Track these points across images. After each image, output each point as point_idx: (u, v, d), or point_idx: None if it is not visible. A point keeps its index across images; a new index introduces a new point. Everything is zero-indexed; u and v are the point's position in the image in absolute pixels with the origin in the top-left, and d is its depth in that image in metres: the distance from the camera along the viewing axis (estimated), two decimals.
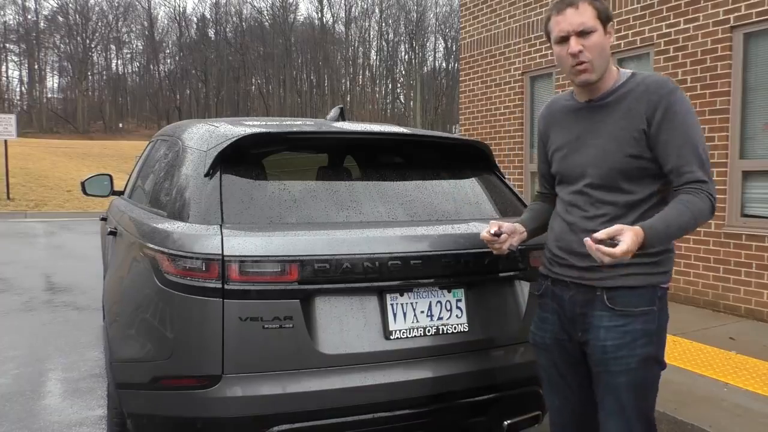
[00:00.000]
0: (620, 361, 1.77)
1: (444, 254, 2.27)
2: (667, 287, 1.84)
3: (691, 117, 1.75)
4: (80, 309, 5.77)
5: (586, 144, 1.86)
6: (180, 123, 3.20)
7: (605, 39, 1.81)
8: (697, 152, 1.73)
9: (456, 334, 2.29)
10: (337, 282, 2.12)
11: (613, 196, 1.80)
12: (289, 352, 2.05)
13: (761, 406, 3.32)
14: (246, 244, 2.05)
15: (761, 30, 5.11)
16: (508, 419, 2.39)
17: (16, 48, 58.85)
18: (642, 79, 1.81)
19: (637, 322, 1.77)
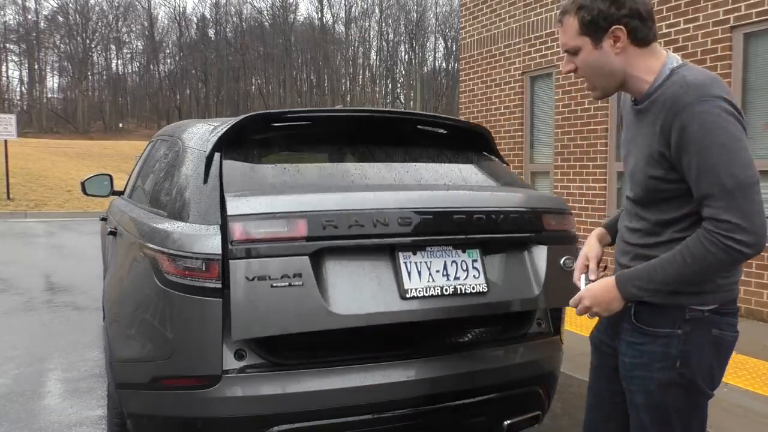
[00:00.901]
0: (637, 381, 1.64)
1: (455, 210, 2.20)
2: (705, 309, 1.57)
3: (712, 136, 1.43)
4: (80, 309, 5.77)
5: (631, 152, 1.69)
6: (180, 123, 3.20)
7: (596, 54, 1.58)
8: (720, 181, 1.42)
9: (475, 295, 2.21)
10: (346, 238, 2.04)
11: (646, 213, 1.64)
12: (300, 312, 1.96)
13: (761, 406, 3.32)
14: (249, 203, 2.01)
15: (761, 30, 5.11)
16: (508, 419, 2.39)
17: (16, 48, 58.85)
18: (668, 86, 1.54)
19: (657, 344, 1.60)
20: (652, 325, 1.61)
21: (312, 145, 2.62)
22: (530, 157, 7.77)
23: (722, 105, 1.45)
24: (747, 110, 5.24)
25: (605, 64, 1.59)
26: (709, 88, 1.47)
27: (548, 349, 2.56)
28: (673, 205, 1.58)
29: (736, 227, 1.41)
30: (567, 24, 1.60)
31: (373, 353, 2.21)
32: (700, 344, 1.58)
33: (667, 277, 1.50)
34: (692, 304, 1.57)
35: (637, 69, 1.59)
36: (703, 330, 1.58)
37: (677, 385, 1.59)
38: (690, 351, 1.58)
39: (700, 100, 1.45)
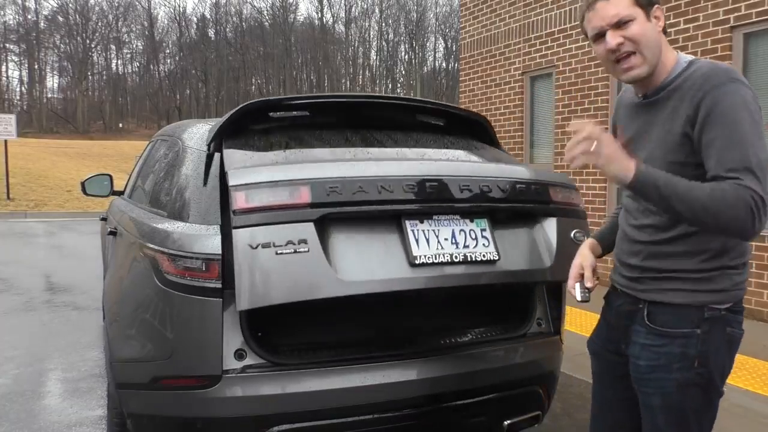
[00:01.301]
0: (654, 383, 1.62)
1: (460, 178, 2.17)
2: (721, 308, 1.58)
3: (743, 115, 1.45)
4: (80, 309, 5.77)
5: (640, 147, 1.66)
6: (180, 123, 3.20)
7: (650, 26, 1.57)
8: (746, 157, 1.42)
9: (486, 263, 2.14)
10: (350, 205, 1.99)
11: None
12: (306, 279, 1.91)
13: (761, 406, 3.32)
14: (251, 173, 1.99)
15: (761, 30, 5.11)
16: (508, 419, 2.39)
17: (16, 48, 58.84)
18: (693, 71, 1.56)
19: (675, 345, 1.58)
20: (669, 326, 1.59)
21: (313, 131, 2.60)
22: (530, 157, 7.77)
23: (748, 92, 1.50)
24: None
25: (657, 37, 1.59)
26: (736, 73, 1.52)
27: (548, 349, 2.56)
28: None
29: (758, 196, 1.40)
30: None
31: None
32: (717, 343, 1.58)
33: (685, 194, 1.43)
34: (711, 302, 1.57)
35: (665, 55, 1.61)
36: (720, 328, 1.58)
37: (695, 385, 1.58)
38: (708, 350, 1.57)
39: (731, 80, 1.49)
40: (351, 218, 2.02)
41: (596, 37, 1.62)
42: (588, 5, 1.62)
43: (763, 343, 4.43)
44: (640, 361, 1.64)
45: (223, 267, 2.03)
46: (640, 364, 1.64)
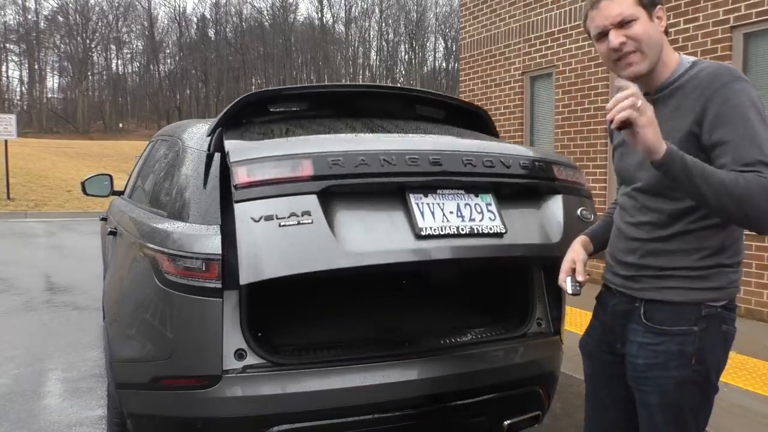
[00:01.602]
0: (652, 381, 1.62)
1: (463, 153, 2.14)
2: (718, 306, 1.59)
3: (752, 112, 1.47)
4: (80, 309, 5.77)
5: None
6: (180, 123, 3.20)
7: (652, 26, 1.60)
8: (762, 152, 1.43)
9: (492, 236, 2.08)
10: (353, 177, 1.96)
11: (659, 203, 1.62)
12: (311, 251, 1.86)
13: (761, 406, 3.32)
14: (252, 149, 1.98)
15: (761, 30, 5.11)
16: (508, 419, 2.39)
17: (16, 48, 58.83)
18: (698, 71, 1.58)
19: (673, 343, 1.59)
20: (667, 324, 1.60)
21: (313, 120, 2.60)
22: None
23: (754, 90, 1.53)
24: None
25: (658, 36, 1.61)
26: (740, 73, 1.55)
27: (548, 349, 2.56)
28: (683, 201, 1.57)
29: None
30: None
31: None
32: (713, 340, 1.60)
33: (711, 176, 1.41)
34: (708, 300, 1.59)
35: (666, 55, 1.63)
36: (716, 326, 1.60)
37: (692, 383, 1.60)
38: (705, 348, 1.59)
39: (737, 79, 1.51)
40: (354, 192, 1.98)
41: (599, 36, 1.64)
42: (592, 4, 1.64)
43: (763, 343, 4.43)
44: (638, 360, 1.65)
45: (224, 267, 2.03)
46: (638, 362, 1.65)
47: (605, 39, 1.62)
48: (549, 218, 2.26)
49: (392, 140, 2.13)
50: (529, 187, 2.26)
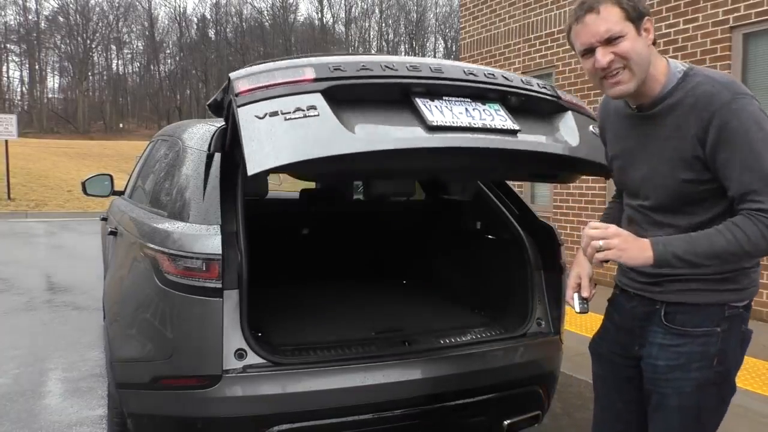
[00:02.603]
0: (672, 383, 1.60)
1: (465, 69, 2.05)
2: (740, 306, 1.58)
3: (755, 131, 1.44)
4: (80, 309, 5.77)
5: (639, 160, 1.64)
6: (180, 123, 3.21)
7: (640, 41, 1.53)
8: (764, 172, 1.42)
9: (507, 132, 1.96)
10: (356, 79, 1.88)
11: (673, 219, 1.59)
12: (320, 137, 1.74)
13: (761, 406, 3.32)
14: (252, 68, 1.93)
15: (761, 30, 5.11)
16: (508, 419, 2.40)
17: (16, 48, 58.80)
18: (693, 86, 1.52)
19: (696, 344, 1.57)
20: (689, 325, 1.58)
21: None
22: None
23: (755, 103, 1.48)
24: None
25: (646, 52, 1.55)
26: (739, 86, 1.49)
27: (548, 349, 2.56)
28: (704, 207, 1.55)
29: None
30: (606, 12, 1.52)
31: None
32: (735, 340, 1.59)
33: (709, 251, 1.45)
34: (732, 301, 1.57)
35: (654, 68, 1.57)
36: (737, 326, 1.59)
37: (713, 384, 1.58)
38: (727, 348, 1.57)
39: (735, 97, 1.46)
40: (360, 99, 1.88)
41: (585, 53, 1.57)
42: (576, 18, 1.57)
43: (763, 343, 4.43)
44: (658, 362, 1.62)
45: (223, 267, 2.03)
46: (659, 364, 1.62)
47: (591, 56, 1.55)
48: (562, 126, 2.13)
49: (391, 57, 2.03)
50: (536, 101, 2.14)
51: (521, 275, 2.62)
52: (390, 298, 3.37)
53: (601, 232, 1.50)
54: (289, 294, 3.34)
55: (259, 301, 2.49)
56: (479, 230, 3.07)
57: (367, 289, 3.55)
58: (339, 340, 2.42)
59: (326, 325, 2.71)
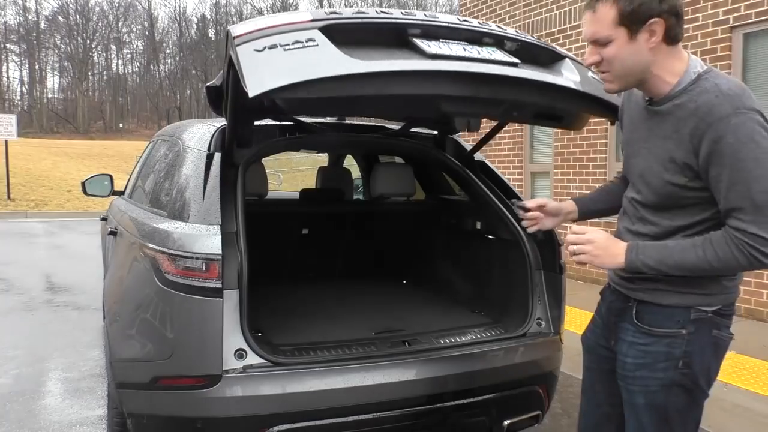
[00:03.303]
0: (639, 381, 1.64)
1: (458, 17, 2.05)
2: (708, 310, 1.58)
3: (747, 150, 1.41)
4: (80, 309, 5.77)
5: (641, 153, 1.65)
6: (180, 123, 3.21)
7: (629, 48, 1.51)
8: (751, 195, 1.42)
9: (506, 64, 1.93)
10: (352, 19, 1.87)
11: (657, 217, 1.62)
12: (320, 61, 1.71)
13: (761, 406, 3.32)
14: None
15: (761, 30, 5.11)
16: (508, 419, 2.40)
17: (16, 48, 58.82)
18: (699, 92, 1.49)
19: (661, 344, 1.60)
20: (656, 326, 1.61)
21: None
22: (530, 157, 7.77)
23: (757, 118, 1.44)
24: None
25: (636, 58, 1.53)
26: (745, 100, 1.45)
27: (548, 349, 2.56)
28: (689, 212, 1.56)
29: (765, 241, 1.43)
30: (601, 12, 1.51)
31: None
32: (702, 345, 1.59)
33: (680, 263, 1.50)
34: (699, 304, 1.58)
35: (662, 69, 1.54)
36: (706, 331, 1.59)
37: (679, 386, 1.60)
38: (692, 351, 1.58)
39: (736, 112, 1.43)
40: (358, 41, 1.85)
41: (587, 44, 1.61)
42: (584, 9, 1.59)
43: (763, 343, 4.43)
44: (626, 359, 1.66)
45: (223, 267, 2.03)
46: (627, 361, 1.66)
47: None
48: (563, 69, 2.11)
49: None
50: (532, 48, 2.11)
51: (521, 275, 2.62)
52: (390, 298, 3.37)
53: (576, 237, 1.61)
54: (289, 294, 3.34)
55: (259, 301, 2.49)
56: (479, 230, 3.07)
57: (367, 289, 3.54)
58: (339, 340, 2.42)
59: (326, 325, 2.71)
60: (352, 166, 4.95)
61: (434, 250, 3.61)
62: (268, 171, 3.57)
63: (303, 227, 3.61)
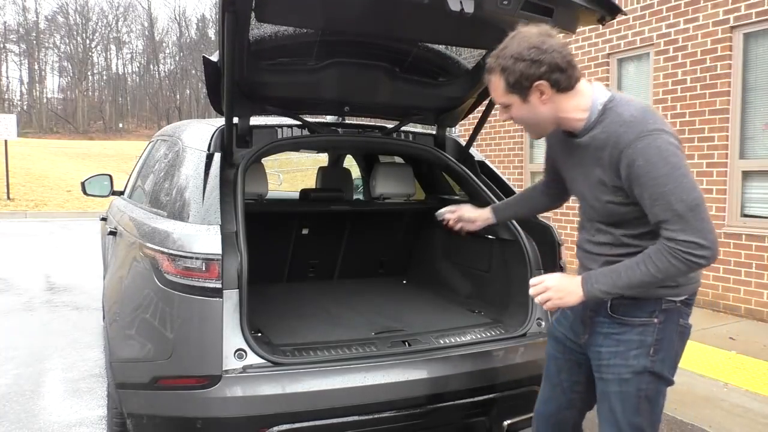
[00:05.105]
0: (612, 369, 1.75)
1: None
2: (677, 300, 1.72)
3: (657, 169, 1.55)
4: (80, 309, 5.76)
5: (578, 178, 1.81)
6: (180, 123, 3.21)
7: (526, 108, 1.69)
8: (671, 207, 1.55)
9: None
10: None
11: (611, 229, 1.75)
12: None
13: (761, 406, 3.32)
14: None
15: (761, 30, 5.11)
16: (508, 419, 2.39)
17: (16, 48, 58.82)
18: (607, 122, 1.66)
19: (634, 333, 1.73)
20: (630, 315, 1.73)
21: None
22: (530, 157, 7.77)
23: (661, 137, 1.58)
24: (747, 110, 5.24)
25: (536, 115, 1.70)
26: (646, 124, 1.59)
27: None
28: (635, 224, 1.69)
29: (696, 245, 1.55)
30: (494, 83, 1.70)
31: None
32: (670, 333, 1.73)
33: (629, 282, 1.63)
34: (668, 295, 1.71)
35: (568, 111, 1.70)
36: (674, 319, 1.73)
37: (649, 372, 1.73)
38: (662, 339, 1.72)
39: (640, 137, 1.57)
40: None
41: None
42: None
43: (763, 343, 4.43)
44: (602, 349, 1.78)
45: (223, 267, 2.03)
46: (602, 351, 1.78)
47: None
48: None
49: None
50: None
51: (521, 275, 2.62)
52: (390, 298, 3.37)
53: (535, 289, 1.74)
54: (289, 294, 3.34)
55: (259, 301, 2.49)
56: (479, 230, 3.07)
57: (367, 289, 3.54)
58: (339, 340, 2.41)
59: (326, 325, 2.71)
60: (352, 166, 4.94)
61: (434, 250, 3.60)
62: (268, 171, 3.57)
63: (303, 227, 3.61)
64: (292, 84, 2.64)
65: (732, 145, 5.30)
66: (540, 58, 1.60)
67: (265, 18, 2.17)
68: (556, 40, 1.63)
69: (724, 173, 5.33)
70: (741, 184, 5.27)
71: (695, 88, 5.52)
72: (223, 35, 2.04)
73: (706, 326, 4.87)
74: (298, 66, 2.62)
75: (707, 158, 5.45)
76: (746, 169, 5.24)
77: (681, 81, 5.65)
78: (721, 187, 5.33)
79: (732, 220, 5.30)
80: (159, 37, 63.76)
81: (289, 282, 3.64)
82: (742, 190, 5.28)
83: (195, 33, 63.79)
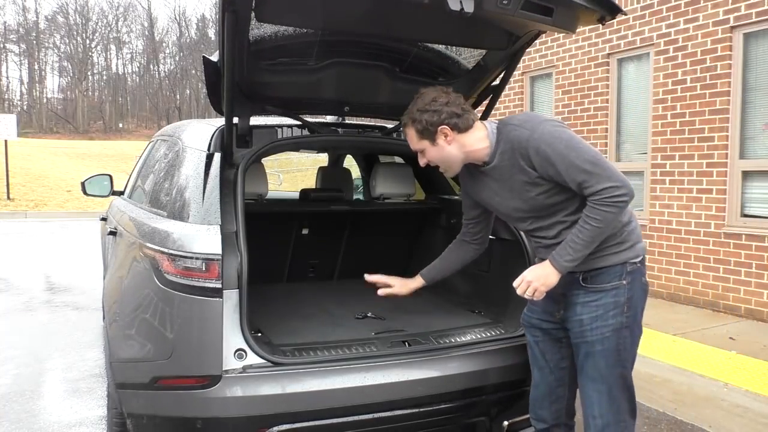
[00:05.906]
0: (595, 331, 1.99)
1: None
2: (637, 262, 2.01)
3: (557, 144, 1.89)
4: (80, 309, 5.77)
5: (503, 201, 2.09)
6: (180, 123, 3.20)
7: (435, 149, 2.05)
8: (582, 168, 1.87)
9: None
10: None
11: (553, 217, 2.03)
12: None
13: (761, 406, 3.32)
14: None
15: (761, 30, 5.11)
16: (508, 419, 2.39)
17: (16, 48, 58.83)
18: (505, 137, 2.00)
19: (609, 296, 1.98)
20: (604, 282, 1.99)
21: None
22: None
23: (548, 123, 1.95)
24: (747, 110, 5.24)
25: (446, 154, 2.07)
26: (533, 121, 1.97)
27: None
28: (565, 205, 1.99)
29: (612, 188, 1.84)
30: (408, 134, 2.09)
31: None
32: (637, 290, 2.02)
33: (584, 243, 1.90)
34: (630, 258, 2.00)
35: (472, 145, 2.05)
36: (638, 278, 2.02)
37: (626, 327, 2.00)
38: (632, 296, 2.00)
39: (533, 131, 1.93)
40: None
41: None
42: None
43: (763, 343, 4.43)
44: (583, 316, 2.01)
45: (223, 267, 2.03)
46: (584, 318, 2.01)
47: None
48: None
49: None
50: None
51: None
52: (390, 298, 3.37)
53: (520, 287, 1.99)
54: (289, 294, 3.34)
55: (259, 301, 2.49)
56: None
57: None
58: (339, 341, 2.41)
59: (326, 325, 2.71)
60: (352, 166, 4.94)
61: (434, 250, 3.60)
62: (268, 171, 3.57)
63: (303, 227, 3.61)
64: (292, 84, 2.64)
65: (732, 145, 5.30)
66: (439, 109, 2.01)
67: (265, 18, 2.17)
68: (453, 95, 2.04)
69: (724, 173, 5.33)
70: (741, 184, 5.27)
71: (695, 88, 5.52)
72: (223, 35, 2.04)
73: (706, 326, 4.87)
74: (298, 66, 2.62)
75: (707, 158, 5.46)
76: (746, 169, 5.24)
77: (681, 81, 5.65)
78: (721, 187, 5.34)
79: (732, 220, 5.30)
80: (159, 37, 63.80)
81: (289, 282, 3.64)
82: (742, 190, 5.28)
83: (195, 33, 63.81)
